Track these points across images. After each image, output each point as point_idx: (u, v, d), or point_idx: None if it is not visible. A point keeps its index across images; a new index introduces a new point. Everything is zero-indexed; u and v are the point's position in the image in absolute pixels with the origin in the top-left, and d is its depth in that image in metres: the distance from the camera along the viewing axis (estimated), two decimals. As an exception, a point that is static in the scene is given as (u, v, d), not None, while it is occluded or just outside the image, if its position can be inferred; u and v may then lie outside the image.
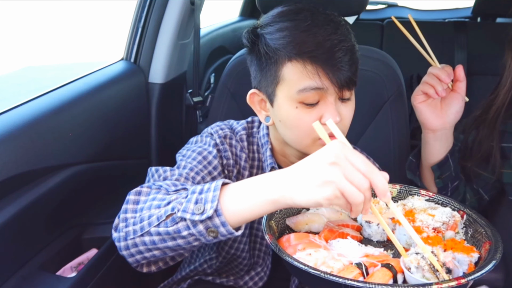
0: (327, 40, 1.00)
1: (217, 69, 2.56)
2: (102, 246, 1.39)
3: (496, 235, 0.97)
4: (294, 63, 1.01)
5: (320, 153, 0.80)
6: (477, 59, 2.65)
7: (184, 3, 1.72)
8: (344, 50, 1.01)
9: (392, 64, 1.63)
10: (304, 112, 1.04)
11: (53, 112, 1.33)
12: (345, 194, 0.77)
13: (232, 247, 1.21)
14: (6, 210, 1.14)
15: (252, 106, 1.17)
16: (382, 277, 0.86)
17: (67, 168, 1.34)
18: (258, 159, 1.23)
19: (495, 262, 0.88)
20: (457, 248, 0.95)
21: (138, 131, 1.72)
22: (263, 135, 1.22)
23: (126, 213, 0.96)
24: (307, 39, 1.00)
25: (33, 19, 9.71)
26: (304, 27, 1.01)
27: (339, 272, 0.87)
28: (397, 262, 0.90)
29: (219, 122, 1.28)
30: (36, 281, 1.20)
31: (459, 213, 1.06)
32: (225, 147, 1.18)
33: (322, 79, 1.00)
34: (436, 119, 1.25)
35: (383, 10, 3.82)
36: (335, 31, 1.02)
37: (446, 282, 0.80)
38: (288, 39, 1.01)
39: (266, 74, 1.07)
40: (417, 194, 1.15)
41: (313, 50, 0.99)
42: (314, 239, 0.98)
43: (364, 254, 0.94)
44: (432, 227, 1.00)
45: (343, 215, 1.11)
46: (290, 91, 1.03)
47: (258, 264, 1.25)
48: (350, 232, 1.03)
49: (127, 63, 1.74)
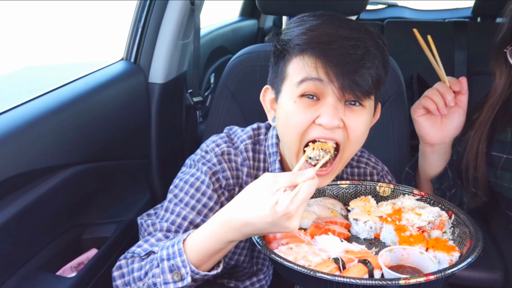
0: (334, 35, 0.97)
1: (217, 69, 2.57)
2: (102, 246, 1.39)
3: (479, 234, 0.96)
4: (299, 58, 1.00)
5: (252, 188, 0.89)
6: (477, 59, 2.65)
7: (184, 3, 1.72)
8: (354, 49, 0.96)
9: (392, 64, 1.63)
10: (300, 107, 1.00)
11: (53, 112, 1.33)
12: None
13: (232, 259, 1.20)
14: (6, 210, 1.14)
15: (263, 104, 1.15)
16: (357, 272, 0.87)
17: (67, 168, 1.34)
18: (264, 169, 1.19)
19: (469, 260, 0.88)
20: (438, 247, 0.96)
21: (138, 131, 1.71)
22: (272, 144, 1.17)
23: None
24: (314, 33, 0.99)
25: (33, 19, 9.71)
26: (317, 23, 1.01)
27: (316, 266, 0.89)
28: (376, 259, 0.91)
29: (216, 136, 1.20)
30: (36, 281, 1.20)
31: (448, 213, 1.07)
32: (222, 167, 1.13)
33: (320, 72, 0.97)
34: (436, 134, 1.22)
35: (383, 10, 3.83)
36: (348, 31, 0.99)
37: (414, 278, 0.81)
38: (298, 32, 1.01)
39: (277, 70, 1.07)
40: (409, 193, 1.15)
41: (317, 43, 0.97)
42: (299, 235, 0.99)
43: (344, 250, 0.95)
44: (417, 226, 1.01)
45: (334, 212, 1.12)
46: (291, 86, 1.02)
47: (262, 272, 1.24)
48: (337, 229, 1.04)
49: (127, 63, 1.74)
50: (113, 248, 1.40)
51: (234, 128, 1.24)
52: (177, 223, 1.09)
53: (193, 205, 1.10)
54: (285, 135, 1.06)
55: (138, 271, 1.02)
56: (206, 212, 1.10)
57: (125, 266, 1.06)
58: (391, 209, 1.08)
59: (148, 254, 1.03)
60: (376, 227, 1.06)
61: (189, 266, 0.93)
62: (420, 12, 3.83)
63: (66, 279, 1.25)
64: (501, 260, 1.43)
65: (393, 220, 1.04)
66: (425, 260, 0.90)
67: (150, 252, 1.02)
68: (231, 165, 1.14)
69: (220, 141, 1.17)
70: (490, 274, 1.39)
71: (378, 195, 1.18)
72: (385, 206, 1.10)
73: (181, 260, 0.93)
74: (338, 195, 1.19)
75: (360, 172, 1.26)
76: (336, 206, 1.15)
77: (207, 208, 1.10)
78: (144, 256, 1.03)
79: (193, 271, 0.93)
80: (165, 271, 0.94)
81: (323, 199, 1.16)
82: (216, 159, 1.13)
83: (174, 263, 0.94)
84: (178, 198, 1.11)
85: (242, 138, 1.19)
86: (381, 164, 1.30)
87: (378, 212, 1.08)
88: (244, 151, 1.16)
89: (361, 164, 1.27)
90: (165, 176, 1.79)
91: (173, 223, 1.09)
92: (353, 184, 1.19)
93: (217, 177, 1.12)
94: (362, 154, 1.29)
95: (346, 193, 1.19)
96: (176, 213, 1.10)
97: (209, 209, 1.10)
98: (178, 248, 0.94)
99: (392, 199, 1.15)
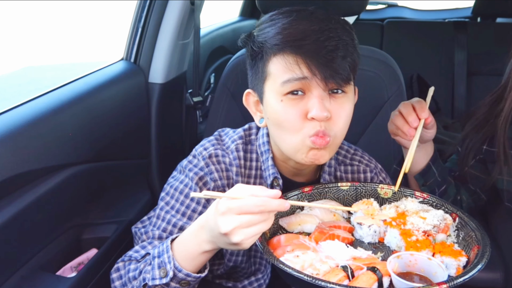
0: (308, 31, 1.01)
1: (217, 69, 2.57)
2: (102, 246, 1.39)
3: (486, 239, 0.96)
4: (278, 57, 1.03)
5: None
6: (477, 59, 2.65)
7: (184, 3, 1.72)
8: (329, 41, 1.00)
9: (392, 64, 1.63)
10: (289, 105, 1.03)
11: (53, 112, 1.33)
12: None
13: (230, 260, 1.20)
14: (6, 210, 1.14)
15: (248, 107, 1.17)
16: (367, 280, 0.86)
17: (67, 168, 1.34)
18: (257, 168, 1.20)
19: (480, 267, 0.87)
20: (445, 252, 0.95)
21: (138, 131, 1.71)
22: (263, 142, 1.19)
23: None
24: (289, 31, 1.02)
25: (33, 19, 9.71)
26: (288, 21, 1.03)
27: (324, 275, 0.88)
28: (384, 265, 0.90)
29: (205, 140, 1.23)
30: (36, 281, 1.20)
31: (452, 216, 1.06)
32: (210, 169, 1.15)
33: (302, 68, 1.00)
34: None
35: (383, 10, 3.82)
36: (319, 24, 1.02)
37: (428, 287, 0.80)
38: (273, 32, 1.03)
39: (255, 72, 1.09)
40: (411, 195, 1.15)
41: (293, 40, 1.00)
42: (304, 241, 0.98)
43: (351, 257, 0.94)
44: (422, 230, 1.00)
45: (336, 216, 1.11)
46: (275, 85, 1.04)
47: (260, 271, 1.24)
48: (342, 233, 1.03)
49: (127, 63, 1.74)
50: (113, 248, 1.40)
51: (226, 129, 1.27)
52: (168, 230, 1.14)
53: (183, 211, 1.15)
54: (279, 133, 1.07)
55: (134, 271, 1.07)
56: (196, 216, 1.13)
57: (123, 268, 1.12)
58: (394, 212, 1.07)
59: (144, 256, 1.08)
60: (380, 230, 1.05)
61: (173, 262, 0.98)
62: (420, 12, 3.83)
63: (66, 279, 1.25)
64: (501, 260, 1.42)
65: (398, 224, 1.02)
66: (433, 266, 0.90)
67: (146, 255, 1.07)
68: (220, 167, 1.17)
69: (208, 145, 1.20)
70: (490, 274, 1.39)
71: (379, 197, 1.17)
72: (388, 209, 1.09)
73: (167, 256, 0.99)
74: (339, 197, 1.18)
75: (353, 169, 1.27)
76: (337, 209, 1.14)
77: (196, 213, 1.14)
78: (141, 259, 1.08)
79: (176, 267, 0.98)
80: (155, 268, 1.01)
81: (324, 202, 1.16)
82: (203, 162, 1.16)
83: (162, 260, 1.00)
84: (170, 205, 1.16)
85: (233, 138, 1.21)
86: (375, 162, 1.31)
87: (381, 215, 1.07)
88: (235, 150, 1.19)
89: (354, 162, 1.28)
90: (165, 176, 1.77)
91: (165, 230, 1.14)
92: (354, 186, 1.18)
93: (205, 181, 1.15)
94: (356, 152, 1.30)
95: (347, 195, 1.18)
96: (166, 220, 1.15)
97: (199, 213, 1.13)
98: (166, 246, 1.01)
99: (394, 201, 1.14)
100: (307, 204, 1.07)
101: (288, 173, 1.20)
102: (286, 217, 1.09)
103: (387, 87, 1.57)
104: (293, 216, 1.09)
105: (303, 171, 1.20)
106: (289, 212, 1.11)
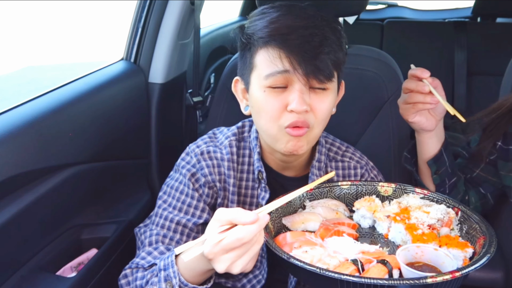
0: (293, 26, 1.04)
1: (217, 69, 2.57)
2: (102, 246, 1.39)
3: (490, 230, 0.98)
4: (263, 50, 1.06)
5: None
6: (477, 59, 2.65)
7: (184, 3, 1.72)
8: (313, 37, 1.03)
9: (392, 64, 1.62)
10: (270, 96, 1.07)
11: (53, 112, 1.32)
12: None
13: None
14: (6, 210, 1.14)
15: (236, 94, 1.22)
16: (378, 272, 0.87)
17: (67, 168, 1.34)
18: (249, 163, 1.23)
19: (489, 256, 0.89)
20: (451, 244, 0.96)
21: (138, 131, 1.71)
22: (253, 138, 1.23)
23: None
24: (276, 25, 1.05)
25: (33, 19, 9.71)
26: (277, 15, 1.07)
27: (335, 269, 0.88)
28: (393, 258, 0.91)
29: (199, 139, 1.27)
30: (36, 281, 1.20)
31: (454, 210, 1.08)
32: (201, 165, 1.20)
33: (284, 62, 1.03)
34: (431, 122, 1.25)
35: (383, 10, 3.83)
36: (306, 20, 1.05)
37: (440, 276, 0.81)
38: (260, 26, 1.07)
39: (244, 62, 1.14)
40: (412, 192, 1.16)
41: (279, 35, 1.03)
42: (310, 237, 0.99)
43: (360, 251, 0.95)
44: (427, 224, 1.02)
45: (339, 214, 1.12)
46: (260, 77, 1.08)
47: (257, 267, 1.25)
48: (346, 230, 1.04)
49: (127, 63, 1.74)
50: (113, 248, 1.40)
51: (221, 128, 1.31)
52: (166, 226, 1.18)
53: (179, 207, 1.19)
54: (259, 121, 1.12)
55: (141, 279, 1.09)
56: (192, 211, 1.19)
57: (130, 275, 1.14)
58: (397, 208, 1.09)
59: (151, 265, 1.10)
60: (384, 226, 1.06)
61: (179, 277, 1.00)
62: (420, 12, 3.83)
63: (66, 279, 1.25)
64: (502, 259, 1.42)
65: (402, 219, 1.04)
66: (440, 257, 0.91)
67: (153, 264, 1.10)
68: (211, 163, 1.21)
69: (201, 143, 1.25)
70: (491, 274, 1.39)
71: (380, 195, 1.18)
72: (391, 206, 1.11)
73: (173, 271, 1.01)
74: (340, 196, 1.19)
75: (344, 166, 1.30)
76: (339, 207, 1.15)
77: (192, 207, 1.19)
78: (148, 267, 1.11)
79: (182, 282, 0.99)
80: (161, 280, 1.02)
81: (326, 201, 1.16)
82: (195, 159, 1.21)
83: (168, 274, 1.01)
84: (167, 203, 1.21)
85: (227, 135, 1.26)
86: (366, 159, 1.33)
87: (385, 211, 1.08)
88: (228, 146, 1.23)
89: (345, 159, 1.31)
90: (165, 176, 1.77)
91: (163, 227, 1.18)
92: (354, 185, 1.19)
93: (197, 177, 1.20)
94: (347, 149, 1.33)
95: (348, 194, 1.19)
96: (164, 216, 1.19)
97: (194, 207, 1.19)
98: (171, 260, 1.02)
99: (395, 198, 1.15)
100: (283, 200, 1.01)
101: (277, 167, 1.24)
102: (289, 216, 1.10)
103: (387, 87, 1.57)
104: (296, 215, 1.10)
105: (290, 164, 1.22)
106: (292, 211, 1.13)
